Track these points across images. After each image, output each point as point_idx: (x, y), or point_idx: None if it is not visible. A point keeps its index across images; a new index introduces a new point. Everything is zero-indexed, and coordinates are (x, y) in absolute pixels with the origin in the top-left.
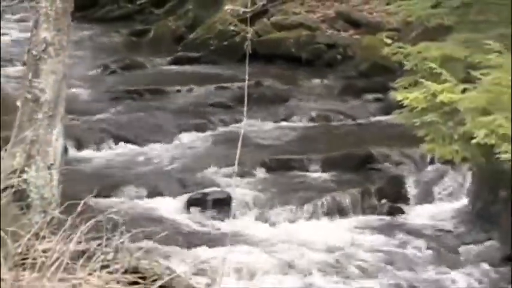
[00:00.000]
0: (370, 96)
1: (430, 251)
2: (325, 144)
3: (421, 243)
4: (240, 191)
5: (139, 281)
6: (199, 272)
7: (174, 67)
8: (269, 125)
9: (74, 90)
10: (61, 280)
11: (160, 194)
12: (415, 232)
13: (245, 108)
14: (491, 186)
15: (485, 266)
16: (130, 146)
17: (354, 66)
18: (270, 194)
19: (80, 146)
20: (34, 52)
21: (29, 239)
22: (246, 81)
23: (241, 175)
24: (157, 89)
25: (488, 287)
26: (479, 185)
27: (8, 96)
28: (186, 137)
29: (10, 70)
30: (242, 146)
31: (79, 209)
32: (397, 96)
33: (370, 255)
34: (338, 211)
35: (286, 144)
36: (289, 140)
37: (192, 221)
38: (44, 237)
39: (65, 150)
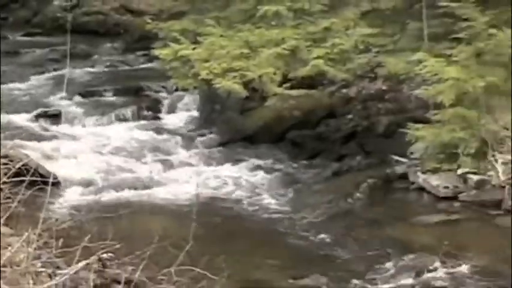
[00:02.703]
0: (140, 53)
1: (177, 140)
2: (115, 81)
3: (171, 135)
4: (67, 108)
5: (9, 162)
6: (44, 156)
7: (25, 38)
8: (83, 70)
9: None
10: None
11: (19, 111)
12: (168, 129)
13: (68, 61)
14: (210, 103)
15: (207, 148)
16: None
17: (130, 36)
18: (84, 109)
19: None
20: None
21: None
22: (68, 46)
23: (67, 99)
24: (15, 51)
25: (207, 160)
26: (204, 102)
27: None
28: (33, 78)
29: None
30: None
31: None
32: (156, 52)
33: (142, 143)
34: (125, 118)
35: (92, 80)
36: (94, 78)
37: (39, 127)
38: None
39: None
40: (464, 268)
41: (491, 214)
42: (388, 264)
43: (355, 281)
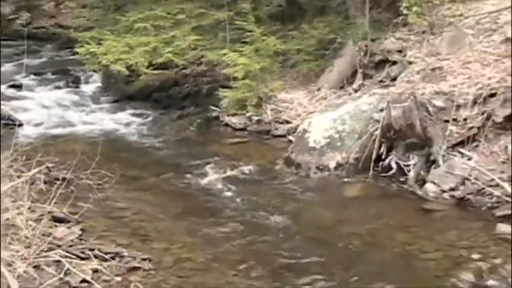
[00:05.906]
0: (68, 50)
1: (90, 99)
2: (53, 66)
3: (87, 96)
4: (26, 82)
5: None
6: (13, 109)
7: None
8: (34, 60)
9: None
10: None
11: None
12: (85, 93)
13: (25, 55)
14: (108, 78)
15: (107, 103)
16: None
17: (62, 40)
18: (35, 82)
19: None
20: None
21: None
22: (26, 46)
23: (26, 77)
24: None
25: (107, 110)
26: (104, 78)
27: None
28: (6, 65)
29: None
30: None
31: None
32: (77, 50)
33: (70, 101)
34: (59, 87)
35: (40, 66)
36: (41, 65)
37: (9, 92)
38: None
39: None
40: (250, 167)
41: (264, 138)
42: (209, 166)
43: (188, 176)
